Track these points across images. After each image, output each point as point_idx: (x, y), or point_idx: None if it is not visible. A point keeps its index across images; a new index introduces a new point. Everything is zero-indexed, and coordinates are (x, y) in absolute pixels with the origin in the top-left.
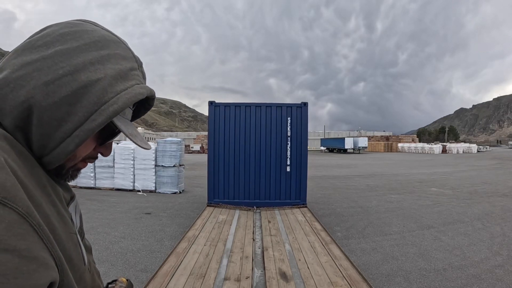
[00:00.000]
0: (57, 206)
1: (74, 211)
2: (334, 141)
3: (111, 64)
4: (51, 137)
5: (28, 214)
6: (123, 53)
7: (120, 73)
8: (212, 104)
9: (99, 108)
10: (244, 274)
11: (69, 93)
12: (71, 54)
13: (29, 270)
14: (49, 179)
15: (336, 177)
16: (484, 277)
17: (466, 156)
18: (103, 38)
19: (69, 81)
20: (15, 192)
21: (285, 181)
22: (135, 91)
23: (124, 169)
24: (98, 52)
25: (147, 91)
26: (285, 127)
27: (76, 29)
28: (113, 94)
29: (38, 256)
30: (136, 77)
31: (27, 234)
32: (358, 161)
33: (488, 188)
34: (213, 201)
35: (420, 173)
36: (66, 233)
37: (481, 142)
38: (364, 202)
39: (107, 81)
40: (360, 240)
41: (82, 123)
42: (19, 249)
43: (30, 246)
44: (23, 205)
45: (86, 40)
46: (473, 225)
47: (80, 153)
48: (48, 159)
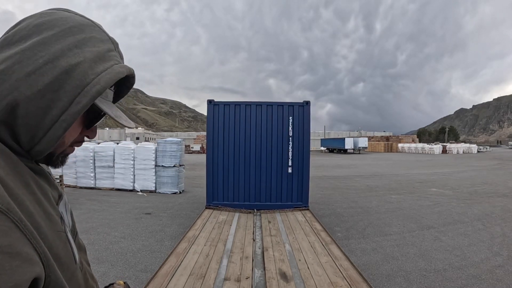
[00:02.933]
0: (42, 205)
1: (65, 209)
2: (334, 141)
3: (89, 47)
4: (39, 126)
5: (9, 210)
6: (99, 35)
7: (99, 55)
8: (211, 103)
9: (82, 90)
10: (244, 274)
11: (51, 80)
12: (48, 42)
13: (12, 266)
14: (34, 177)
15: (336, 177)
16: (484, 278)
17: (466, 156)
18: (78, 23)
19: (50, 69)
20: None
21: (287, 182)
22: (115, 71)
23: (124, 169)
24: (74, 37)
25: (127, 69)
26: (287, 127)
27: (49, 18)
28: (94, 75)
29: (21, 251)
30: (114, 57)
31: (9, 230)
32: (358, 161)
33: (488, 188)
34: (212, 203)
35: (420, 174)
36: (53, 231)
37: (481, 142)
38: (364, 202)
39: (86, 64)
40: (360, 240)
41: (67, 107)
42: (1, 245)
43: (12, 242)
44: (3, 201)
45: (61, 27)
46: (473, 226)
47: (68, 138)
48: (38, 148)
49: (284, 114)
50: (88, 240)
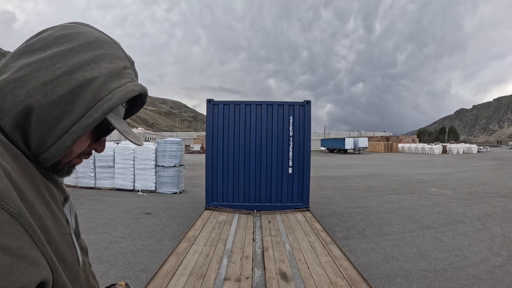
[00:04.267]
0: (51, 207)
1: (69, 211)
2: (335, 141)
3: (105, 63)
4: (49, 134)
5: (20, 215)
6: (116, 53)
7: (114, 71)
8: (210, 102)
9: (95, 104)
10: (244, 274)
11: (66, 91)
12: (67, 55)
13: (19, 268)
14: (44, 180)
15: (336, 177)
16: (484, 278)
17: (466, 156)
18: (97, 39)
19: (66, 80)
20: (7, 193)
21: (287, 183)
22: (128, 88)
23: (124, 169)
24: (92, 52)
25: (140, 88)
26: (287, 127)
27: (70, 31)
28: (108, 91)
29: (28, 255)
30: (129, 75)
31: (18, 234)
32: (358, 161)
33: (488, 188)
34: (211, 204)
35: (420, 174)
36: (60, 234)
37: (481, 142)
38: (364, 202)
39: (102, 79)
40: (360, 240)
41: (79, 119)
42: (11, 248)
43: (21, 246)
44: (15, 206)
45: (81, 41)
46: (473, 226)
47: (76, 149)
48: (46, 156)
49: (285, 113)
50: (88, 240)
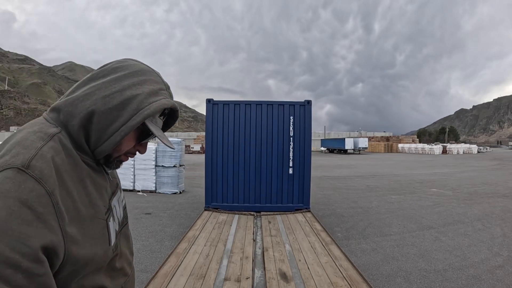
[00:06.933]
0: (90, 196)
1: (117, 203)
2: (335, 141)
3: (147, 85)
4: (104, 132)
5: (52, 194)
6: (155, 79)
7: (152, 91)
8: (210, 102)
9: (138, 112)
10: (245, 274)
11: (118, 102)
12: (120, 79)
13: (37, 225)
14: (90, 174)
15: (336, 177)
16: (484, 278)
17: (467, 156)
18: (142, 69)
19: (118, 95)
20: (48, 177)
21: (288, 183)
22: (162, 102)
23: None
24: (138, 78)
25: (171, 103)
26: (288, 127)
27: (123, 64)
28: (147, 104)
29: (47, 221)
30: (164, 94)
31: (46, 205)
32: (359, 161)
33: (488, 189)
34: (211, 205)
35: (420, 174)
36: (93, 217)
37: (481, 142)
38: (364, 202)
39: (143, 95)
40: (360, 240)
41: (126, 122)
42: (36, 210)
43: (44, 212)
44: (50, 186)
45: (130, 70)
46: (473, 226)
47: (124, 147)
48: (101, 149)
49: (285, 113)
50: None
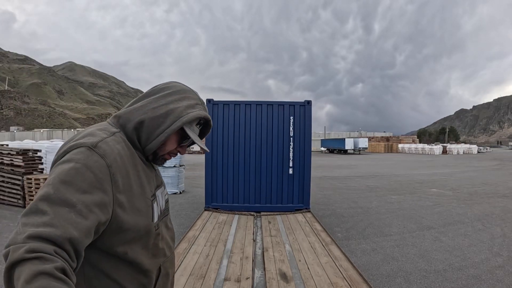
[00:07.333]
0: (140, 178)
1: (161, 195)
2: (335, 141)
3: (186, 101)
4: (152, 133)
5: (111, 166)
6: (193, 96)
7: (190, 105)
8: (210, 102)
9: (178, 119)
10: (244, 274)
11: (163, 112)
12: (166, 96)
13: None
14: (142, 164)
15: (336, 177)
16: (484, 278)
17: (467, 157)
18: (183, 89)
19: (164, 108)
20: (109, 155)
21: (288, 184)
22: (197, 113)
23: None
24: (179, 95)
25: (204, 114)
26: (288, 127)
27: (168, 85)
28: (185, 113)
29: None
30: (199, 107)
31: (104, 173)
32: (359, 161)
33: (488, 189)
34: (211, 205)
35: (420, 174)
36: (141, 194)
37: (481, 143)
38: (364, 202)
39: (183, 108)
40: (360, 240)
41: (169, 126)
42: (97, 176)
43: (103, 178)
44: (110, 161)
45: (173, 90)
46: (473, 226)
47: (167, 147)
48: (149, 146)
49: (285, 113)
50: None
